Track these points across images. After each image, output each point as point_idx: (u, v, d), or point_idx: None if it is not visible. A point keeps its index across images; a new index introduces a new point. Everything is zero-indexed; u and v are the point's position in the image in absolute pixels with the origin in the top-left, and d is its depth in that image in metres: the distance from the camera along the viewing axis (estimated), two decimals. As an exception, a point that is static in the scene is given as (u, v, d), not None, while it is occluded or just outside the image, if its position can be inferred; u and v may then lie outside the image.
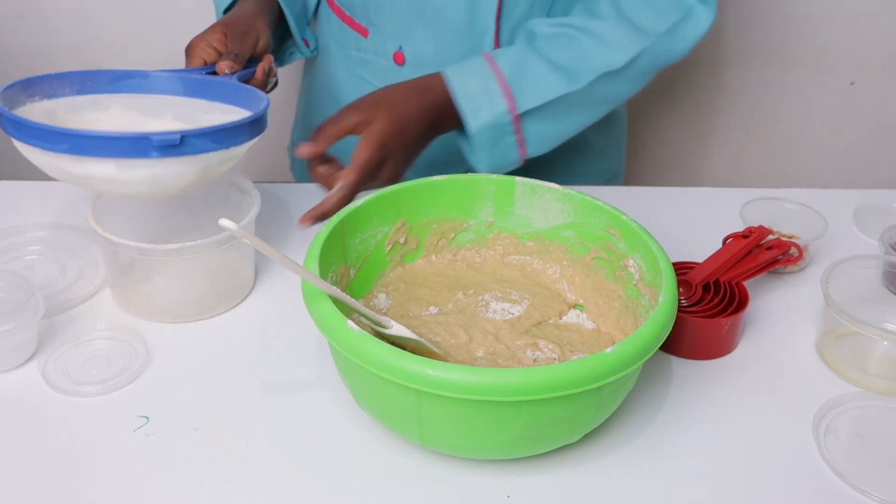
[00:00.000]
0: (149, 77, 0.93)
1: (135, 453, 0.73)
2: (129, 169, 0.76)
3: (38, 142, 0.76)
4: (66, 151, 0.75)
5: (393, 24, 1.08)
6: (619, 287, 0.85)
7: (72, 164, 0.76)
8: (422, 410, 0.67)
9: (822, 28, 1.58)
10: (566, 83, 0.97)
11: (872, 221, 1.10)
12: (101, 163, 0.76)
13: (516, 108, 0.96)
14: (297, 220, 0.88)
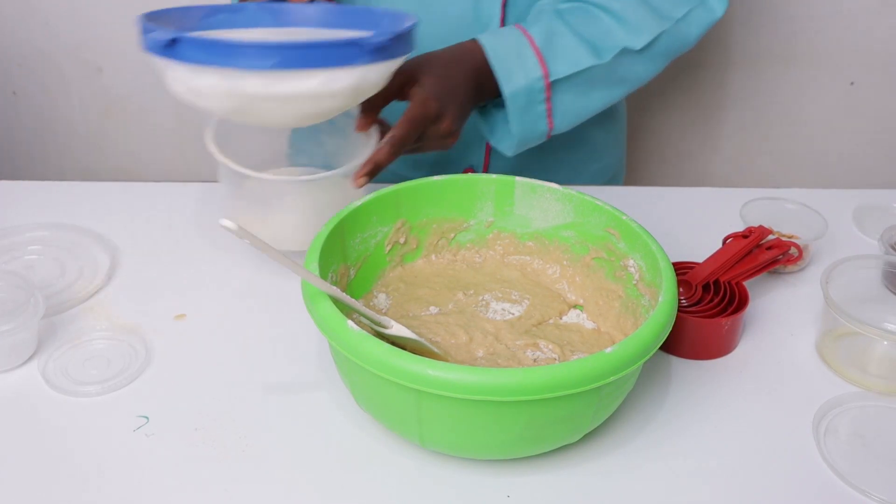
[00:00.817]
0: (284, 10, 0.88)
1: (135, 453, 0.73)
2: (334, 81, 0.73)
3: (238, 60, 0.71)
4: (274, 67, 0.71)
5: None
6: (619, 287, 0.85)
7: (271, 84, 0.72)
8: (422, 410, 0.67)
9: (822, 28, 1.58)
10: (592, 56, 0.98)
11: (872, 221, 1.10)
12: (307, 77, 0.72)
13: (549, 75, 0.97)
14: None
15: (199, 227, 1.04)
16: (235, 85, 0.73)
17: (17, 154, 1.74)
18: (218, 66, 0.72)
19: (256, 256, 0.96)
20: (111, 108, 1.69)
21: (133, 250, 0.99)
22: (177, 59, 0.73)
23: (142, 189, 1.13)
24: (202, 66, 0.73)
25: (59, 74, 1.64)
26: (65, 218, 1.03)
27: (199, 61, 0.73)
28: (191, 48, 0.73)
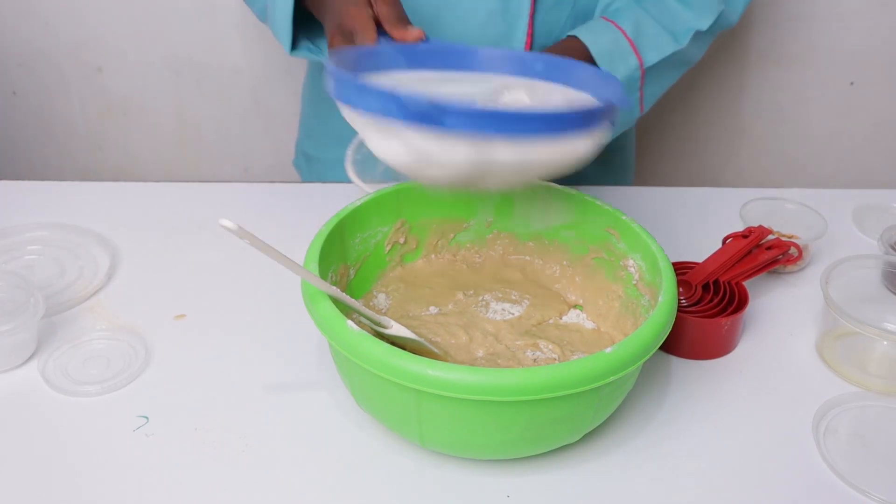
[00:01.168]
0: (414, 52, 0.82)
1: (134, 453, 0.73)
2: (585, 146, 0.67)
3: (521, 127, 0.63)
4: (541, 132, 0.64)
5: (418, 14, 1.06)
6: (619, 287, 0.85)
7: (525, 151, 0.64)
8: (421, 410, 0.67)
9: (822, 28, 1.58)
10: (673, 42, 1.02)
11: (872, 221, 1.10)
12: (563, 142, 0.66)
13: (644, 63, 1.00)
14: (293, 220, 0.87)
15: (199, 227, 1.04)
16: (485, 152, 0.63)
17: (16, 154, 1.74)
18: (483, 133, 0.62)
19: (256, 256, 0.96)
20: (111, 108, 1.69)
21: (133, 250, 0.99)
22: (435, 127, 0.62)
23: (142, 189, 1.13)
24: (458, 135, 0.63)
25: (59, 74, 1.64)
26: (65, 218, 1.03)
27: (464, 129, 0.62)
28: (458, 117, 0.61)
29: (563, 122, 0.65)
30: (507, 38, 1.05)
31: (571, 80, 0.79)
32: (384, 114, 0.63)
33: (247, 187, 1.15)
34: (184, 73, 1.64)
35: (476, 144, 0.63)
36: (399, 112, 0.62)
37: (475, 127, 0.62)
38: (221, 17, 1.58)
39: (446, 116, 0.61)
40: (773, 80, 1.65)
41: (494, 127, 0.62)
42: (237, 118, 1.70)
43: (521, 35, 1.06)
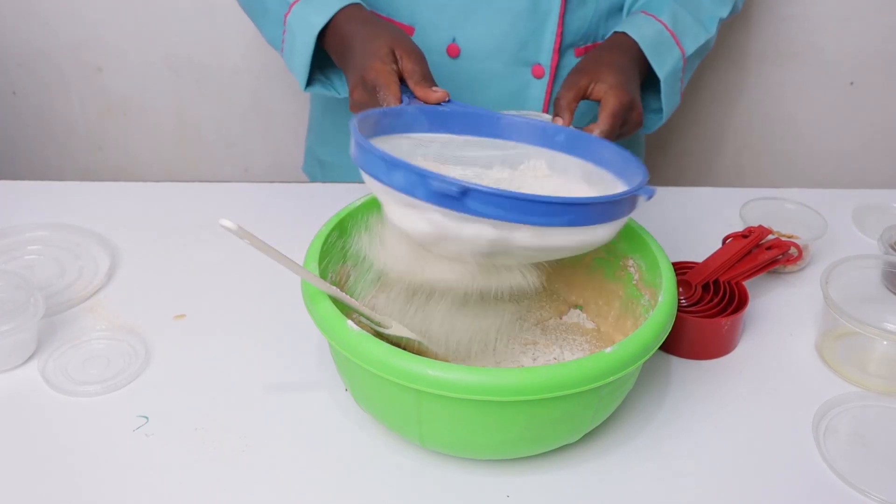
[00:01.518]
0: (438, 115, 0.82)
1: (134, 453, 0.73)
2: (600, 234, 0.68)
3: (532, 217, 0.63)
4: (566, 224, 0.64)
5: (447, 16, 1.06)
6: (619, 287, 0.85)
7: (542, 237, 0.65)
8: (421, 410, 0.67)
9: (821, 28, 1.58)
10: (704, 31, 1.06)
11: (872, 221, 1.10)
12: (580, 231, 0.66)
13: (685, 53, 1.03)
14: (293, 220, 0.87)
15: (198, 227, 1.04)
16: (505, 236, 0.65)
17: (16, 154, 1.74)
18: (505, 220, 0.63)
19: (256, 256, 0.96)
20: (111, 108, 1.69)
21: (133, 250, 0.99)
22: (458, 210, 0.63)
23: (142, 189, 1.13)
24: (482, 218, 0.64)
25: (59, 74, 1.64)
26: (65, 218, 1.03)
27: (486, 215, 0.63)
28: (481, 202, 0.62)
29: (587, 212, 0.65)
30: (537, 37, 1.06)
31: (591, 156, 0.79)
32: (410, 193, 0.64)
33: (247, 187, 1.15)
34: (184, 73, 1.64)
35: (498, 227, 0.64)
36: (425, 193, 0.63)
37: (499, 213, 0.63)
38: (221, 18, 1.58)
39: (471, 200, 0.62)
40: (773, 80, 1.65)
41: (518, 214, 0.63)
42: (237, 118, 1.70)
43: (550, 35, 1.06)
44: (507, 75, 1.08)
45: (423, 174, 0.63)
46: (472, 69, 1.08)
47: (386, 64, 0.85)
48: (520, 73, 1.09)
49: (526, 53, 1.07)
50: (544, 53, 1.07)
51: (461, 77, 1.08)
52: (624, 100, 0.90)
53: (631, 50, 0.99)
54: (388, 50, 0.86)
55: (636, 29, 1.00)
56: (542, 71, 1.08)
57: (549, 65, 1.07)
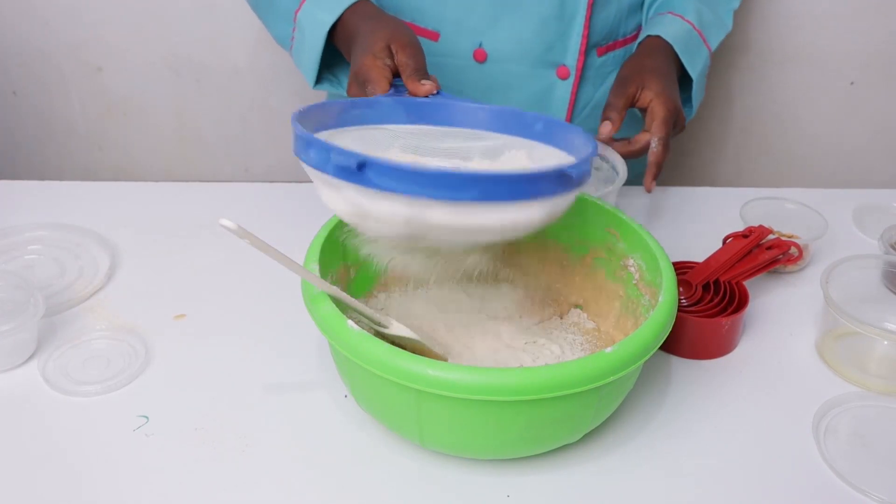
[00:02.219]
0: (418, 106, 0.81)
1: (134, 453, 0.73)
2: (528, 213, 0.66)
3: (433, 190, 0.62)
4: (472, 199, 0.63)
5: (473, 22, 1.06)
6: (619, 287, 0.85)
7: (459, 215, 0.64)
8: (422, 410, 0.67)
9: (822, 28, 1.58)
10: (723, 28, 1.11)
11: (872, 221, 1.10)
12: (500, 209, 0.64)
13: (711, 50, 1.07)
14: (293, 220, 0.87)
15: (198, 226, 1.04)
16: (420, 213, 0.64)
17: (16, 154, 1.74)
18: (408, 194, 0.63)
19: (256, 256, 0.96)
20: (111, 108, 1.69)
21: (133, 250, 0.99)
22: (360, 184, 0.64)
23: (142, 189, 1.13)
24: (387, 193, 0.63)
25: (59, 74, 1.64)
26: (65, 218, 1.03)
27: (387, 188, 0.63)
28: (380, 174, 0.62)
29: (494, 187, 0.63)
30: (563, 39, 1.06)
31: (566, 145, 0.78)
32: (319, 167, 0.65)
33: (247, 187, 1.15)
34: (184, 73, 1.64)
35: (408, 203, 0.63)
36: (330, 167, 0.64)
37: (401, 186, 0.62)
38: (221, 17, 1.58)
39: (372, 173, 0.62)
40: (774, 79, 1.65)
41: (420, 188, 0.62)
42: (237, 118, 1.70)
43: (576, 37, 1.07)
44: (532, 77, 1.09)
45: (327, 148, 0.63)
46: (499, 72, 1.08)
47: (378, 59, 0.85)
48: (545, 75, 1.09)
49: (552, 55, 1.08)
50: (570, 55, 1.08)
51: (487, 81, 1.09)
52: (671, 106, 0.94)
53: (668, 53, 1.01)
54: (383, 45, 0.86)
55: (668, 31, 1.02)
56: (568, 72, 1.09)
57: (574, 66, 1.08)
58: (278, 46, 1.05)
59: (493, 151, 0.79)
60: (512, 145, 0.79)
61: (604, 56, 1.11)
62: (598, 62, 1.11)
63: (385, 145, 0.78)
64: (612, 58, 1.13)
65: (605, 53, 1.12)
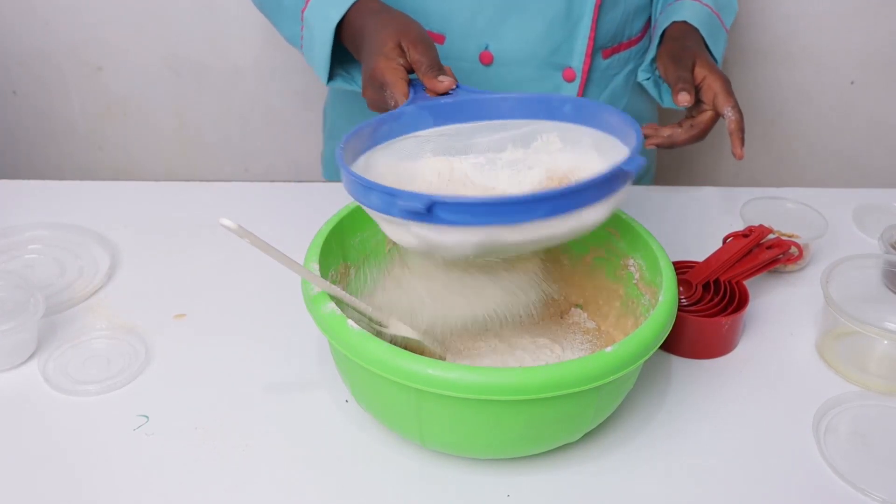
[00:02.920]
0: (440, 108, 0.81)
1: (135, 452, 0.73)
2: (593, 215, 0.66)
3: (502, 218, 0.62)
4: (541, 217, 0.63)
5: (479, 24, 1.06)
6: (620, 286, 0.85)
7: (529, 231, 0.64)
8: (422, 410, 0.67)
9: (822, 27, 1.58)
10: (733, 9, 1.12)
11: (872, 220, 1.10)
12: (567, 218, 0.65)
13: (728, 32, 1.08)
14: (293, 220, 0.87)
15: (198, 226, 1.04)
16: (491, 237, 0.64)
17: (16, 153, 1.74)
18: (480, 225, 0.63)
19: (257, 256, 0.96)
20: (111, 107, 1.69)
21: (133, 250, 0.99)
22: (430, 223, 0.64)
23: (142, 188, 1.13)
24: (458, 227, 0.64)
25: (59, 74, 1.64)
26: (65, 217, 1.03)
27: (459, 223, 0.63)
28: (450, 211, 0.63)
29: (562, 202, 0.64)
30: (569, 41, 1.06)
31: (599, 123, 0.78)
32: (385, 212, 0.65)
33: (247, 186, 1.15)
34: (184, 73, 1.64)
35: (479, 232, 0.64)
36: (397, 211, 0.64)
37: (472, 219, 0.63)
38: (221, 17, 1.58)
39: (441, 212, 0.63)
40: (774, 79, 1.65)
41: (488, 217, 0.63)
42: (237, 118, 1.70)
43: (582, 39, 1.06)
44: (538, 80, 1.09)
45: (393, 193, 0.64)
46: (505, 75, 1.08)
47: (391, 60, 0.85)
48: (551, 77, 1.09)
49: (558, 58, 1.07)
50: (577, 57, 1.08)
51: (493, 83, 1.08)
52: (725, 78, 0.95)
53: (697, 37, 1.02)
54: (393, 44, 0.86)
55: (692, 15, 1.03)
56: (574, 74, 1.08)
57: (580, 68, 1.08)
58: (278, 46, 1.05)
59: (524, 139, 0.80)
60: (542, 129, 0.80)
61: (609, 58, 1.11)
62: (603, 64, 1.11)
63: (417, 153, 0.79)
64: (618, 60, 1.13)
65: (610, 56, 1.11)
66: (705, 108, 0.95)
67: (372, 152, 0.77)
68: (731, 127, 0.93)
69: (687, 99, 0.91)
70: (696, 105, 0.95)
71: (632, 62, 1.15)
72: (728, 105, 0.93)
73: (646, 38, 1.17)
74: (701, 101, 0.95)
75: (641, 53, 1.17)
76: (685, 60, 0.96)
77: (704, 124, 0.95)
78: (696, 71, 0.95)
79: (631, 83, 1.17)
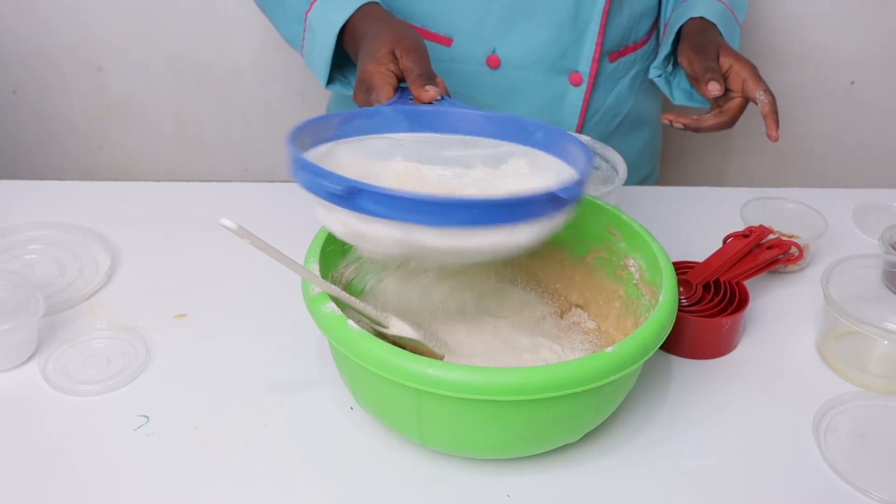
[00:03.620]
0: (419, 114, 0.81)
1: (135, 453, 0.73)
2: (521, 233, 0.66)
3: (422, 217, 0.62)
4: (460, 225, 0.63)
5: (487, 28, 1.06)
6: (620, 286, 0.85)
7: (451, 238, 0.64)
8: (421, 410, 0.67)
9: (822, 27, 1.58)
10: (745, 7, 1.13)
11: (872, 221, 1.10)
12: (494, 231, 0.65)
13: (741, 29, 1.09)
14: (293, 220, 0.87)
15: (199, 226, 1.04)
16: (411, 236, 0.64)
17: (16, 153, 1.74)
18: (397, 220, 0.63)
19: (257, 256, 0.96)
20: (111, 107, 1.69)
21: (133, 250, 0.99)
22: (351, 209, 0.64)
23: (142, 188, 1.13)
24: (379, 218, 0.64)
25: (59, 73, 1.64)
26: (65, 217, 1.03)
27: (377, 214, 0.63)
28: (371, 202, 0.63)
29: (484, 212, 0.63)
30: (577, 46, 1.06)
31: (564, 154, 0.77)
32: (312, 191, 0.65)
33: (247, 187, 1.15)
34: (184, 73, 1.64)
35: (400, 228, 0.63)
36: (322, 192, 0.64)
37: (391, 213, 0.63)
38: (221, 17, 1.58)
39: (363, 200, 0.62)
40: (774, 79, 1.64)
41: (410, 214, 0.62)
42: (237, 117, 1.70)
43: (590, 44, 1.07)
44: (545, 84, 1.09)
45: (319, 174, 0.64)
46: (511, 79, 1.08)
47: (381, 65, 0.85)
48: (558, 82, 1.09)
49: (565, 62, 1.08)
50: (584, 62, 1.08)
51: (499, 87, 1.09)
52: (752, 65, 0.95)
53: (716, 31, 1.02)
54: (387, 50, 0.86)
55: (709, 11, 1.04)
56: (580, 79, 1.08)
57: (587, 73, 1.08)
58: (278, 46, 1.05)
59: (494, 159, 0.79)
60: (514, 153, 0.79)
61: (615, 62, 1.11)
62: (609, 68, 1.11)
63: (387, 154, 0.78)
64: (624, 63, 1.13)
65: (616, 59, 1.12)
66: (734, 95, 0.95)
67: (337, 143, 0.76)
68: (764, 110, 0.93)
69: (717, 88, 0.91)
70: (724, 94, 0.95)
71: (637, 65, 1.15)
72: (760, 89, 0.93)
73: (652, 39, 1.17)
74: (729, 90, 0.94)
75: (647, 55, 1.17)
76: (709, 51, 0.96)
77: (734, 111, 0.95)
78: (721, 60, 0.95)
79: (637, 85, 1.17)
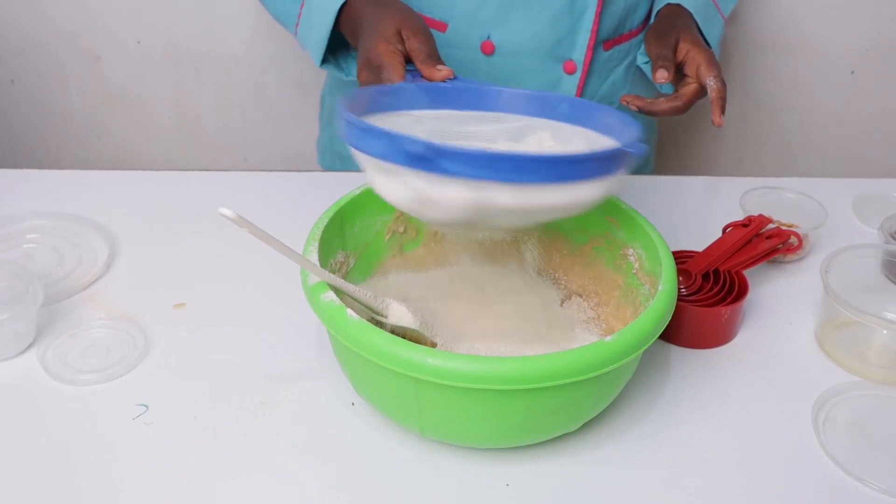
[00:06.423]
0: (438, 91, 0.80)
1: (134, 442, 0.73)
2: (590, 192, 0.66)
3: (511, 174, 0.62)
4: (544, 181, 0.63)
5: (483, 14, 1.06)
6: (619, 276, 0.85)
7: (524, 196, 0.64)
8: (421, 399, 0.67)
9: (822, 17, 1.58)
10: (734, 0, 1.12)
11: (872, 211, 1.10)
12: (564, 189, 0.64)
13: (725, 19, 1.08)
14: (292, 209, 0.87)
15: (197, 215, 1.04)
16: (483, 197, 0.63)
17: (15, 143, 1.73)
18: (479, 178, 0.62)
19: (256, 245, 0.96)
20: (110, 96, 1.68)
21: (132, 239, 0.99)
22: (431, 171, 0.62)
23: (140, 178, 1.13)
24: (456, 178, 0.62)
25: (58, 63, 1.64)
26: (63, 206, 1.03)
27: (459, 174, 0.62)
28: (453, 161, 0.61)
29: (563, 168, 0.64)
30: (572, 34, 1.06)
31: (595, 124, 0.78)
32: (384, 157, 0.64)
33: (246, 176, 1.15)
34: (183, 62, 1.64)
35: (475, 188, 0.63)
36: (398, 155, 0.63)
37: (472, 171, 0.62)
38: (221, 7, 1.57)
39: (443, 160, 0.61)
40: (774, 69, 1.64)
41: (491, 172, 0.62)
42: (236, 107, 1.70)
43: (585, 32, 1.06)
44: (539, 71, 1.08)
45: (396, 137, 0.63)
46: (505, 66, 1.08)
47: (390, 44, 0.84)
48: (552, 69, 1.09)
49: (560, 50, 1.07)
50: (578, 50, 1.07)
51: (493, 73, 1.08)
52: (710, 53, 0.93)
53: (689, 18, 1.01)
54: (394, 30, 0.85)
55: (689, 0, 1.03)
56: (574, 67, 1.08)
57: (582, 61, 1.08)
58: (277, 36, 1.05)
59: (516, 133, 0.79)
60: (535, 127, 0.79)
61: (610, 50, 1.11)
62: (604, 56, 1.11)
63: (410, 131, 0.77)
64: (618, 51, 1.13)
65: (611, 48, 1.11)
66: (689, 80, 0.93)
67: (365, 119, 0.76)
68: (711, 95, 0.91)
69: (664, 76, 0.90)
70: (681, 80, 0.94)
71: (632, 53, 1.15)
72: (711, 75, 0.91)
73: (646, 28, 1.17)
74: (685, 76, 0.94)
75: (642, 44, 1.16)
76: (668, 37, 0.95)
77: (688, 96, 0.93)
78: (679, 46, 0.94)
79: (631, 74, 1.16)
